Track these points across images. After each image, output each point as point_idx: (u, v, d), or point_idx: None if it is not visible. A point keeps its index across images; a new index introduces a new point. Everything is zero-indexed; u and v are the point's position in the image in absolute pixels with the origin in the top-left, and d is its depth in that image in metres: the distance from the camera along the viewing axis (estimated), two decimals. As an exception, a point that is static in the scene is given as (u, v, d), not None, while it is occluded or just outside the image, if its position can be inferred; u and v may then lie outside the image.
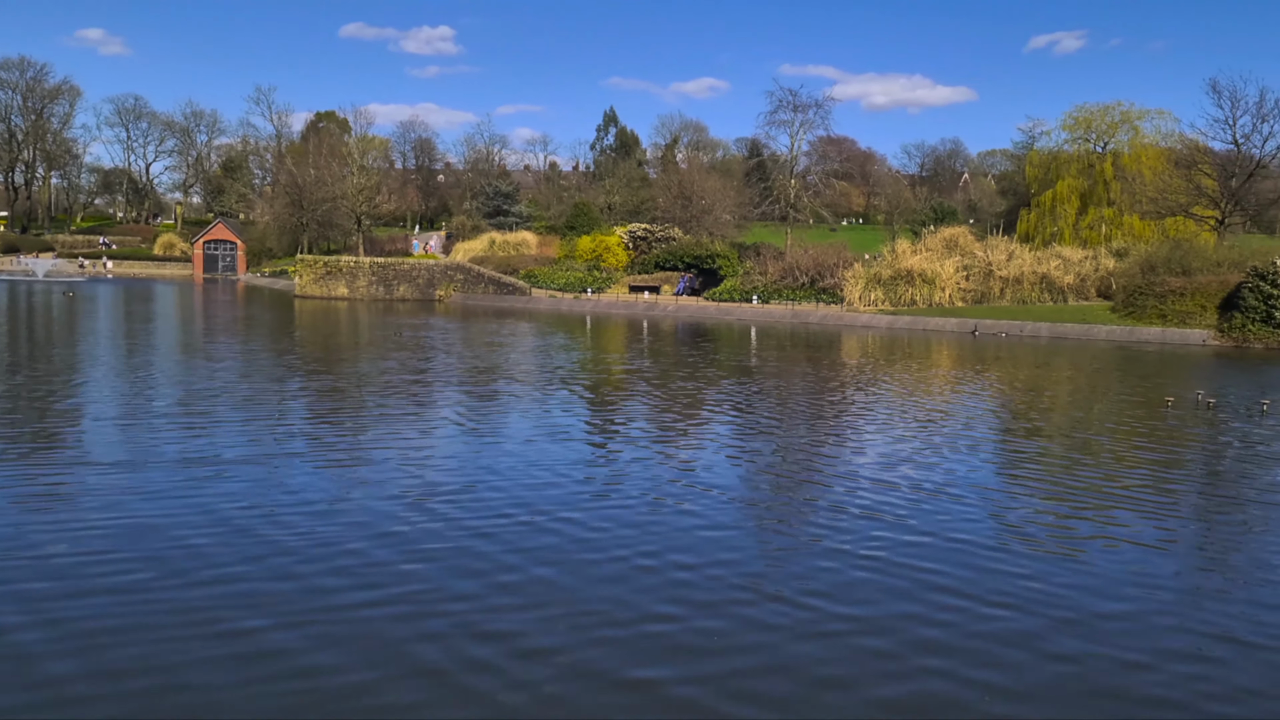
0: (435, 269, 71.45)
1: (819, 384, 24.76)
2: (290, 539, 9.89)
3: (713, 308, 58.55)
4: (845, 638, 7.70)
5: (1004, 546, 10.14)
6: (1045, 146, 73.46)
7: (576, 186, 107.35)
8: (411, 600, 8.29)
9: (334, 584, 8.62)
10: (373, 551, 9.57)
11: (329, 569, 9.00)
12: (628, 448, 15.33)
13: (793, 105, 68.43)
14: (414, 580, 8.77)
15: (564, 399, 20.79)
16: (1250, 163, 54.57)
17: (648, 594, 8.59)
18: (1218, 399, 22.03)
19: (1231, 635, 7.87)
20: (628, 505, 11.60)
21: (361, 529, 10.29)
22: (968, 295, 52.99)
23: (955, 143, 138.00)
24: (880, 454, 15.13)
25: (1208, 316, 43.14)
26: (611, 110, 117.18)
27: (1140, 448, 16.17)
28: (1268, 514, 11.98)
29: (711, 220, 72.53)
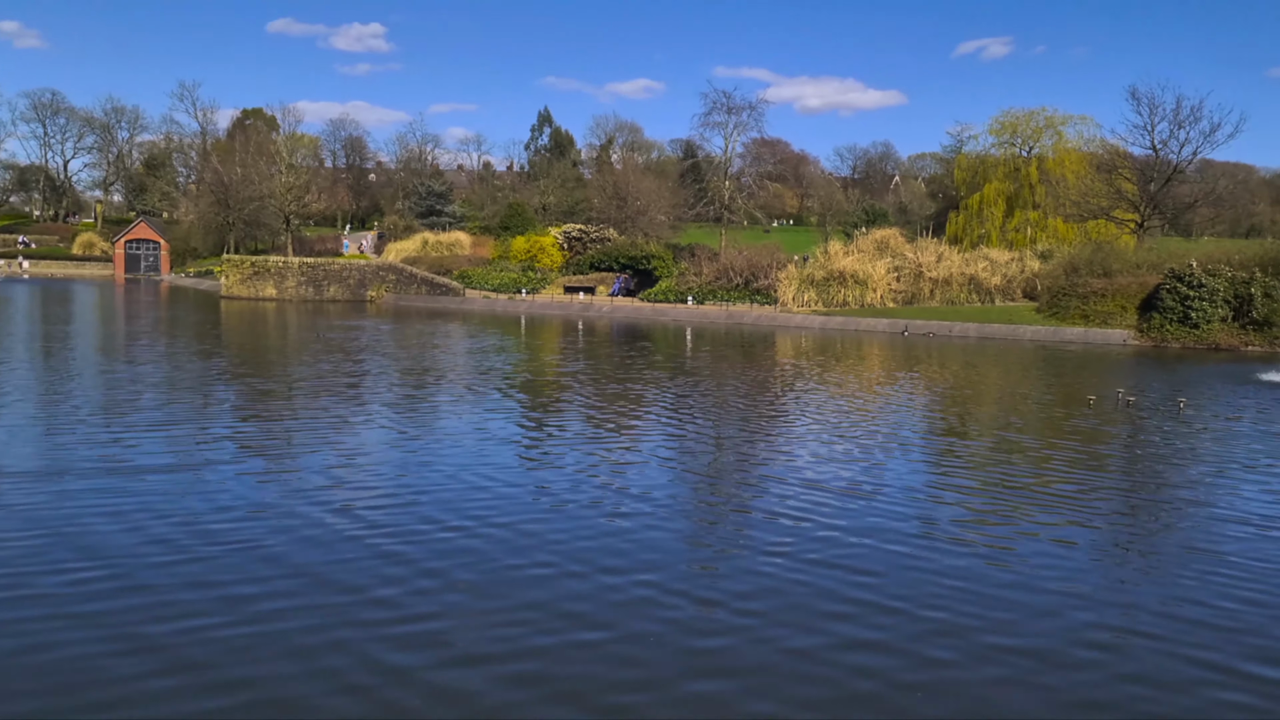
0: (367, 269, 70.32)
1: (754, 385, 24.83)
2: (205, 547, 9.54)
3: (648, 308, 58.55)
4: (774, 642, 7.64)
5: (932, 546, 10.20)
6: (973, 150, 75.00)
7: (511, 187, 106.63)
8: (326, 611, 8.03)
9: (251, 591, 8.33)
10: (291, 557, 9.28)
11: (245, 578, 8.70)
12: (562, 452, 15.15)
13: (727, 107, 68.92)
14: (330, 589, 8.50)
15: (497, 401, 20.53)
16: (1168, 168, 56.29)
17: (575, 601, 8.43)
18: (1137, 398, 22.59)
19: (1149, 631, 7.98)
20: (560, 511, 11.42)
21: (282, 534, 9.97)
22: (898, 296, 53.75)
23: (886, 146, 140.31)
24: (812, 455, 15.17)
25: (1128, 317, 44.34)
26: (546, 110, 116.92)
27: (1064, 446, 16.46)
28: (1185, 510, 12.25)
29: (647, 221, 72.58)
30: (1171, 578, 9.39)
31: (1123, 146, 61.59)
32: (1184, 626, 8.08)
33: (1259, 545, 10.49)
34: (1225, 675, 7.15)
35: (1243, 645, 7.72)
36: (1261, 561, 9.90)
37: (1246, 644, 7.74)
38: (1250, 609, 8.52)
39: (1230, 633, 7.97)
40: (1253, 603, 8.68)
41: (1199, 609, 8.50)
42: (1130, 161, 59.81)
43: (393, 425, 16.96)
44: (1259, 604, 8.65)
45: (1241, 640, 7.82)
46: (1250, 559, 9.97)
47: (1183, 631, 7.97)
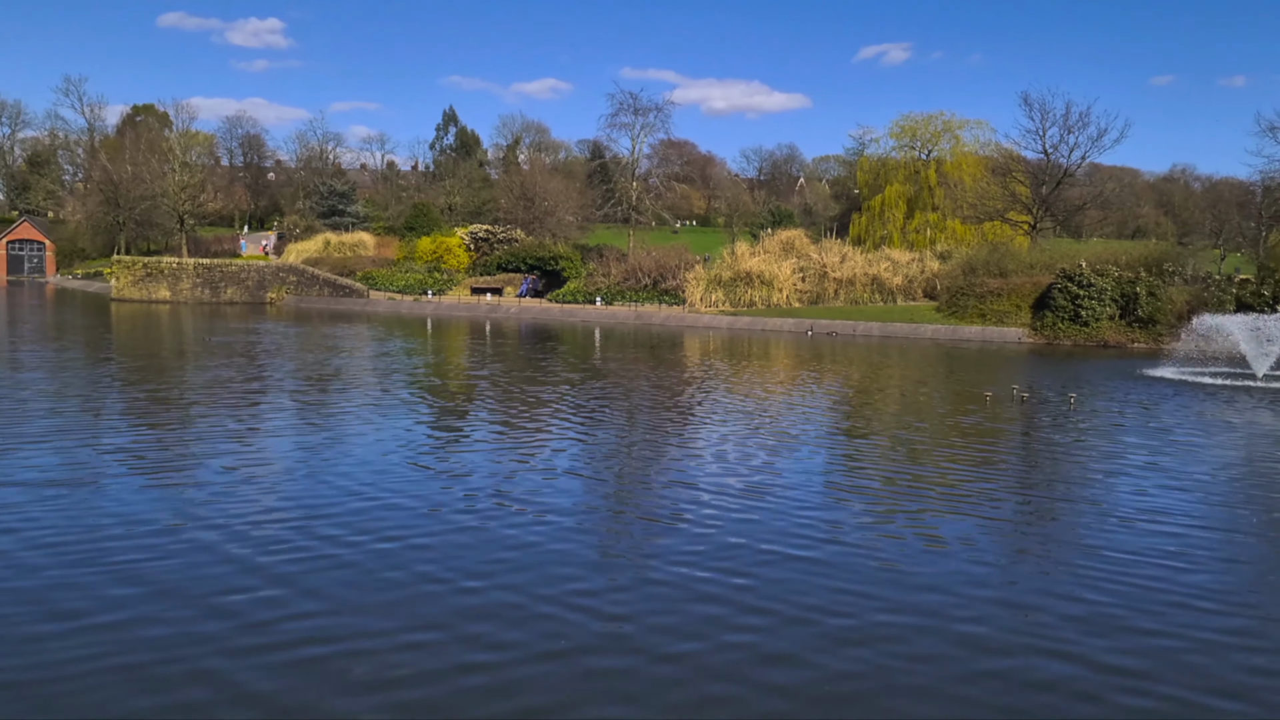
0: (266, 270, 68.38)
1: (662, 386, 24.76)
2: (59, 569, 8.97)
3: (556, 309, 58.22)
4: (682, 660, 7.50)
5: (836, 540, 10.21)
6: (875, 153, 76.65)
7: (416, 187, 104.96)
8: (192, 640, 7.59)
9: (111, 618, 7.84)
10: (157, 578, 8.79)
11: (100, 602, 8.19)
12: (468, 458, 14.80)
13: (634, 108, 68.97)
14: (200, 613, 8.06)
15: (401, 407, 20.00)
16: (1059, 171, 58.30)
17: (473, 620, 8.16)
18: (1031, 393, 23.23)
19: (1044, 621, 8.09)
20: (458, 523, 11.10)
21: (152, 553, 9.45)
22: (804, 296, 54.48)
23: (791, 148, 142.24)
24: (719, 456, 15.12)
25: (1022, 315, 45.73)
26: (451, 109, 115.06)
27: (961, 442, 16.77)
28: (1077, 502, 12.55)
29: (554, 222, 72.21)
30: (1071, 568, 9.56)
31: (1016, 150, 63.68)
32: (1053, 620, 8.21)
33: (1129, 539, 10.77)
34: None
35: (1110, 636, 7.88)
36: (1129, 554, 10.17)
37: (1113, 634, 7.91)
38: (1113, 600, 8.73)
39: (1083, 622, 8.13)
40: (1118, 593, 8.88)
41: (1072, 604, 8.66)
42: (1023, 165, 61.80)
43: (289, 435, 16.35)
44: (1123, 594, 8.87)
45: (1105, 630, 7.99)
46: (1121, 551, 10.22)
47: (1049, 626, 8.10)
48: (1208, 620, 8.34)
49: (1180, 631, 8.06)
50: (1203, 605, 8.71)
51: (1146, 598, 8.86)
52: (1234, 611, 8.59)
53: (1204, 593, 9.03)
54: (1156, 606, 8.64)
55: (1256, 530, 11.34)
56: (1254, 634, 8.09)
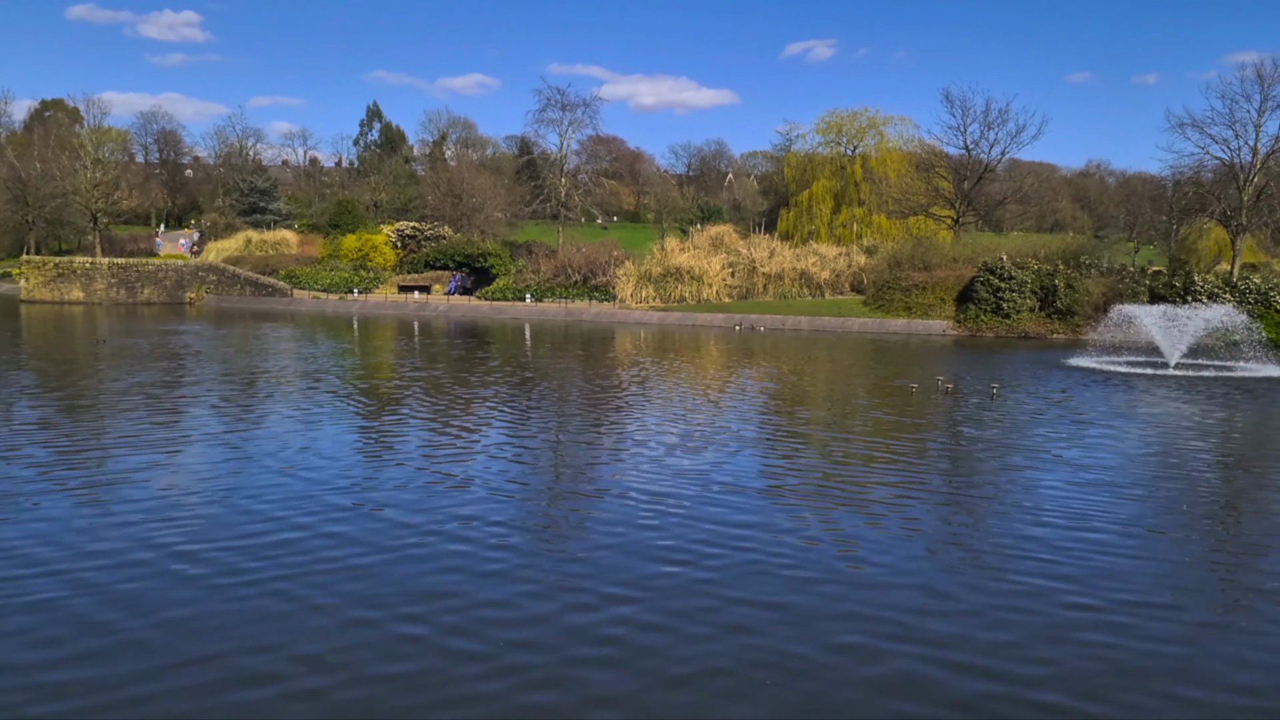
0: (185, 270, 66.49)
1: (593, 383, 24.61)
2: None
3: (485, 307, 57.68)
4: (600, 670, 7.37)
5: (765, 529, 10.19)
6: (801, 149, 77.44)
7: (340, 183, 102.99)
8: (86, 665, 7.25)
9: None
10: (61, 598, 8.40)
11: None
12: (394, 462, 14.48)
13: (561, 104, 68.53)
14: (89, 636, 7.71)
15: (324, 410, 19.50)
16: (980, 166, 59.49)
17: (364, 650, 7.93)
18: (955, 384, 23.61)
19: (973, 609, 8.16)
20: (375, 538, 10.82)
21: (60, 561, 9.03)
22: (734, 291, 54.76)
23: (720, 144, 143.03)
24: (652, 453, 15.03)
25: (947, 308, 46.59)
26: (375, 105, 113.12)
27: (888, 433, 16.95)
28: (1000, 490, 12.74)
29: (483, 218, 71.48)
30: (999, 555, 9.67)
31: (939, 146, 64.80)
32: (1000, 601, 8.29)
33: (1043, 532, 10.96)
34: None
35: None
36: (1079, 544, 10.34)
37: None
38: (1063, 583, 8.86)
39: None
40: (1069, 579, 9.02)
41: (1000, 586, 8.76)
42: (946, 160, 62.92)
43: (204, 438, 15.82)
44: (1072, 579, 9.00)
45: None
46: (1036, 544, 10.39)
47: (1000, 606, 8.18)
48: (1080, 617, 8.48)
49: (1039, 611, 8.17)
50: (1083, 601, 8.87)
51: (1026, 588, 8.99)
52: (1109, 609, 8.76)
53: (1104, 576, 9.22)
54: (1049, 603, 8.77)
55: (1184, 521, 11.62)
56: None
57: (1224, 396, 22.78)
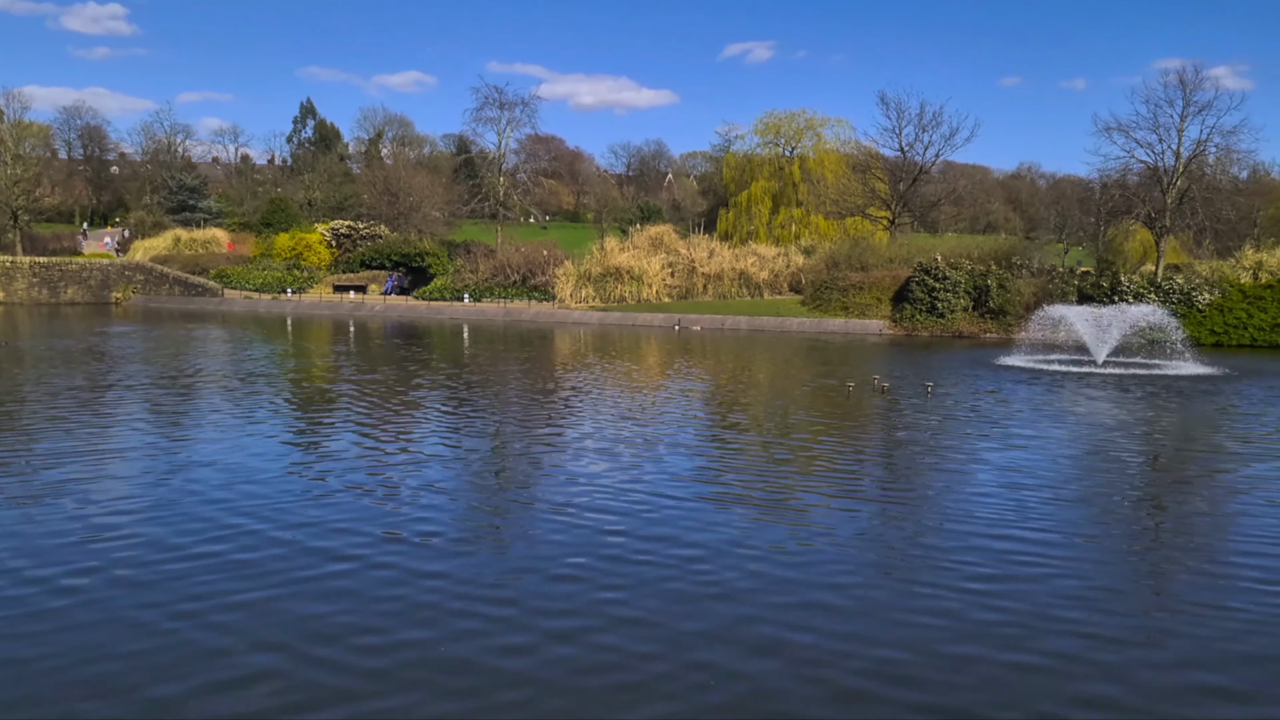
0: (111, 269, 64.74)
1: (532, 383, 24.37)
2: None
3: (423, 307, 57.02)
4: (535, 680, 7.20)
5: (702, 525, 10.10)
6: (740, 150, 77.85)
7: (273, 181, 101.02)
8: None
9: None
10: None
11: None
12: (328, 467, 14.11)
13: (500, 103, 68.01)
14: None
15: (253, 413, 18.98)
16: (915, 168, 60.34)
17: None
18: (891, 383, 23.83)
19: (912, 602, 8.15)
20: (299, 553, 10.50)
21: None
22: (673, 291, 54.82)
23: (659, 144, 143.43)
24: (591, 453, 14.88)
25: (883, 308, 47.15)
26: (309, 102, 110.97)
27: (820, 434, 17.01)
28: (936, 487, 12.82)
29: (420, 217, 70.68)
30: (938, 550, 9.70)
31: (875, 148, 65.59)
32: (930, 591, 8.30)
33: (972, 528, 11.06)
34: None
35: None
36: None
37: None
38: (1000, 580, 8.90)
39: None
40: (997, 577, 9.06)
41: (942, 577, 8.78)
42: (882, 162, 63.72)
43: (128, 443, 15.28)
44: (1001, 578, 9.05)
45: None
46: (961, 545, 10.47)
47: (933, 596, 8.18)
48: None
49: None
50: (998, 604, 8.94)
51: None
52: (1025, 610, 8.83)
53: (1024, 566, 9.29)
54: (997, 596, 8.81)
55: (1108, 521, 11.79)
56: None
57: (1149, 394, 23.31)
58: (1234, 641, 7.66)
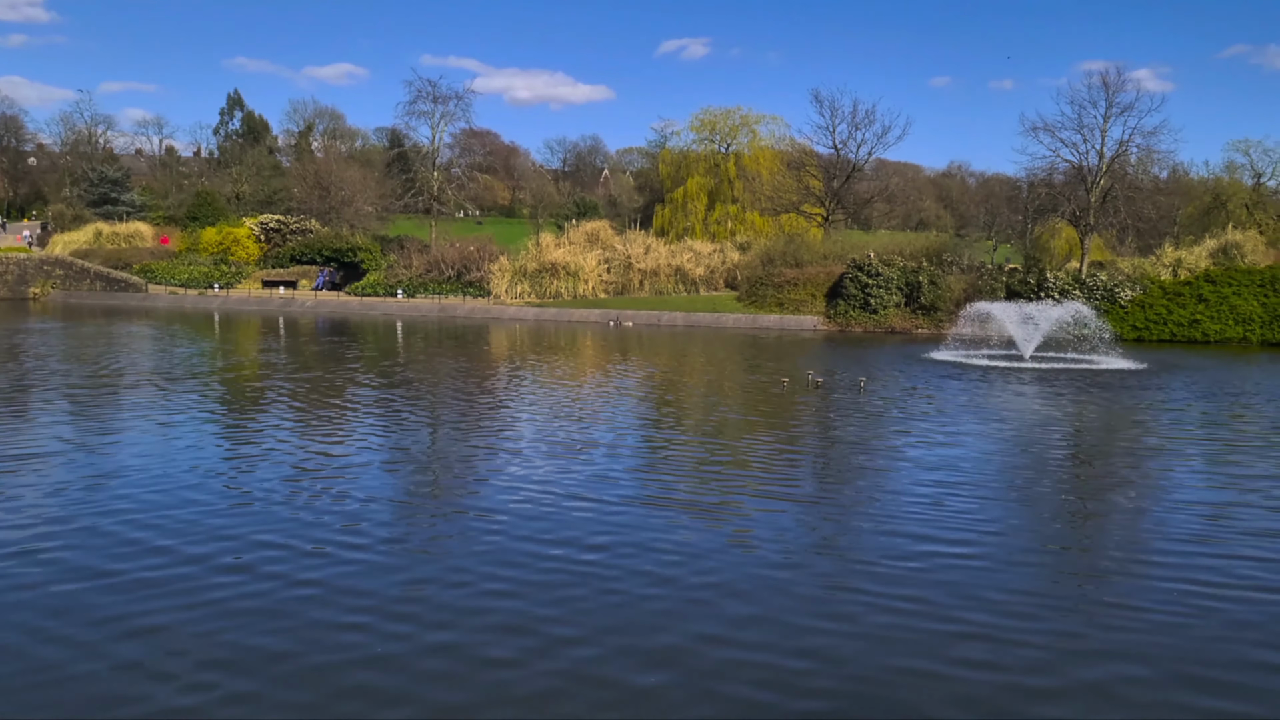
0: (28, 264, 62.51)
1: (467, 379, 24.07)
2: None
3: (355, 302, 56.10)
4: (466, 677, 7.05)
5: (613, 527, 10.02)
6: (676, 146, 77.81)
7: (199, 174, 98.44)
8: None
9: None
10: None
11: None
12: (253, 471, 13.73)
13: (433, 96, 67.08)
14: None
15: (181, 409, 18.42)
16: (848, 166, 61.01)
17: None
18: (825, 379, 24.03)
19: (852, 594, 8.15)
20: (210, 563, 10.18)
21: None
22: (610, 287, 54.70)
23: (595, 139, 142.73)
24: (529, 449, 14.71)
25: (817, 304, 47.59)
26: (236, 93, 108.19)
27: (757, 428, 17.06)
28: (861, 487, 12.92)
29: (352, 212, 69.50)
30: (876, 540, 9.74)
31: (810, 145, 66.16)
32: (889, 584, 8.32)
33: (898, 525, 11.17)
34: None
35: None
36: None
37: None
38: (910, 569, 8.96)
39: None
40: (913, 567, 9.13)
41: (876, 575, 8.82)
42: (816, 159, 64.30)
43: (57, 443, 14.70)
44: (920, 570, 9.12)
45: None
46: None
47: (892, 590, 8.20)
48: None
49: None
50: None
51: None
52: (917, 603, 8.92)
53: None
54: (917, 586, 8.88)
55: (1035, 516, 11.98)
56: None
57: (1073, 388, 23.84)
58: (1138, 645, 7.77)
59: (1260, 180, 79.68)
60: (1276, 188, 79.83)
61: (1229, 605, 8.41)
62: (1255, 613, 8.27)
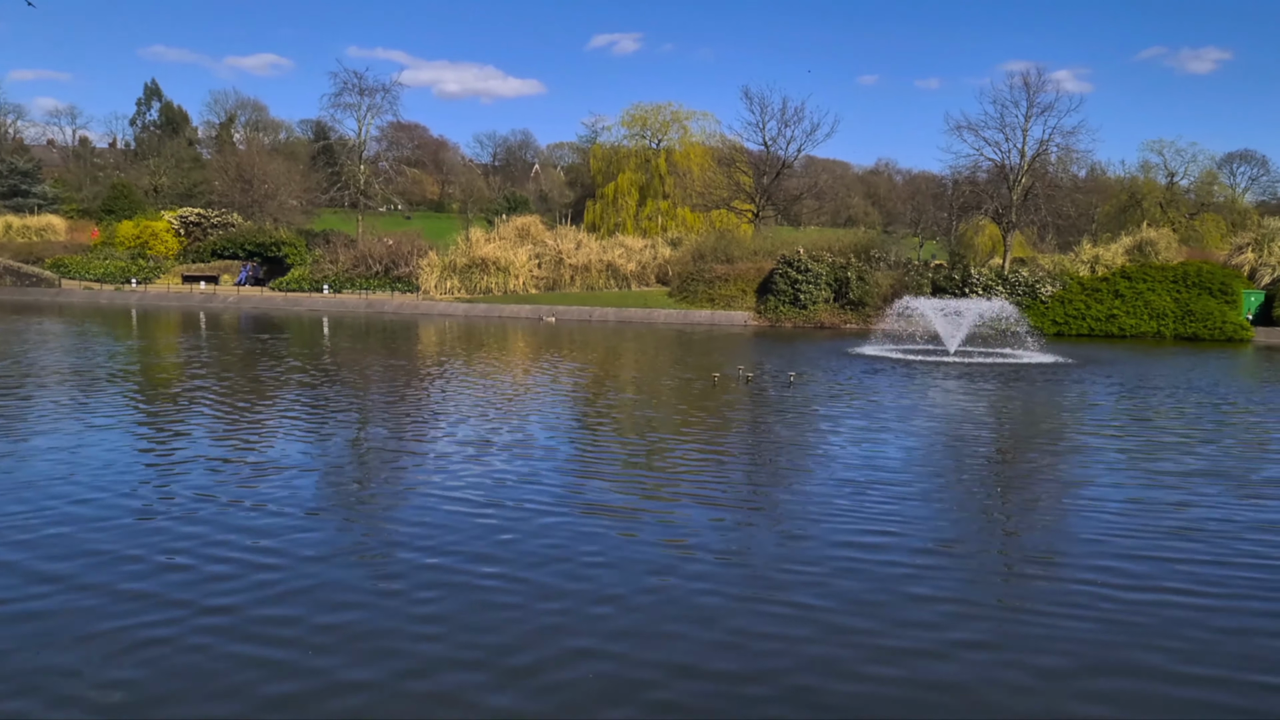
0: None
1: (394, 377, 23.61)
2: None
3: (279, 298, 54.89)
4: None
5: (565, 521, 9.86)
6: (607, 141, 77.82)
7: (115, 166, 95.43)
8: None
9: None
10: None
11: None
12: (172, 474, 13.23)
13: (359, 88, 66.00)
14: None
15: (98, 409, 17.71)
16: (778, 162, 61.59)
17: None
18: (755, 374, 24.13)
19: (789, 597, 8.09)
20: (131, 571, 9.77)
21: None
22: (541, 283, 54.40)
23: (526, 134, 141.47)
24: (457, 447, 14.43)
25: (748, 300, 47.90)
26: (154, 83, 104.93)
27: (685, 424, 17.02)
28: (798, 477, 12.94)
29: (276, 206, 68.05)
30: (800, 538, 9.71)
31: (740, 142, 66.72)
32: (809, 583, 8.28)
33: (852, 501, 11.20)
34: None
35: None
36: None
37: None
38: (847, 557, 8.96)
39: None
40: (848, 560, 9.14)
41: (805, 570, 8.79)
42: (747, 156, 64.79)
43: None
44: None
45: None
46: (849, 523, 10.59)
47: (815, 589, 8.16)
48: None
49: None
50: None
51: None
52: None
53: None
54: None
55: (959, 512, 12.10)
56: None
57: (997, 383, 24.30)
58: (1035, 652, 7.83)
59: (1173, 179, 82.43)
60: (1188, 187, 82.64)
61: (1116, 607, 8.29)
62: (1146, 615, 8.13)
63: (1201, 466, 14.12)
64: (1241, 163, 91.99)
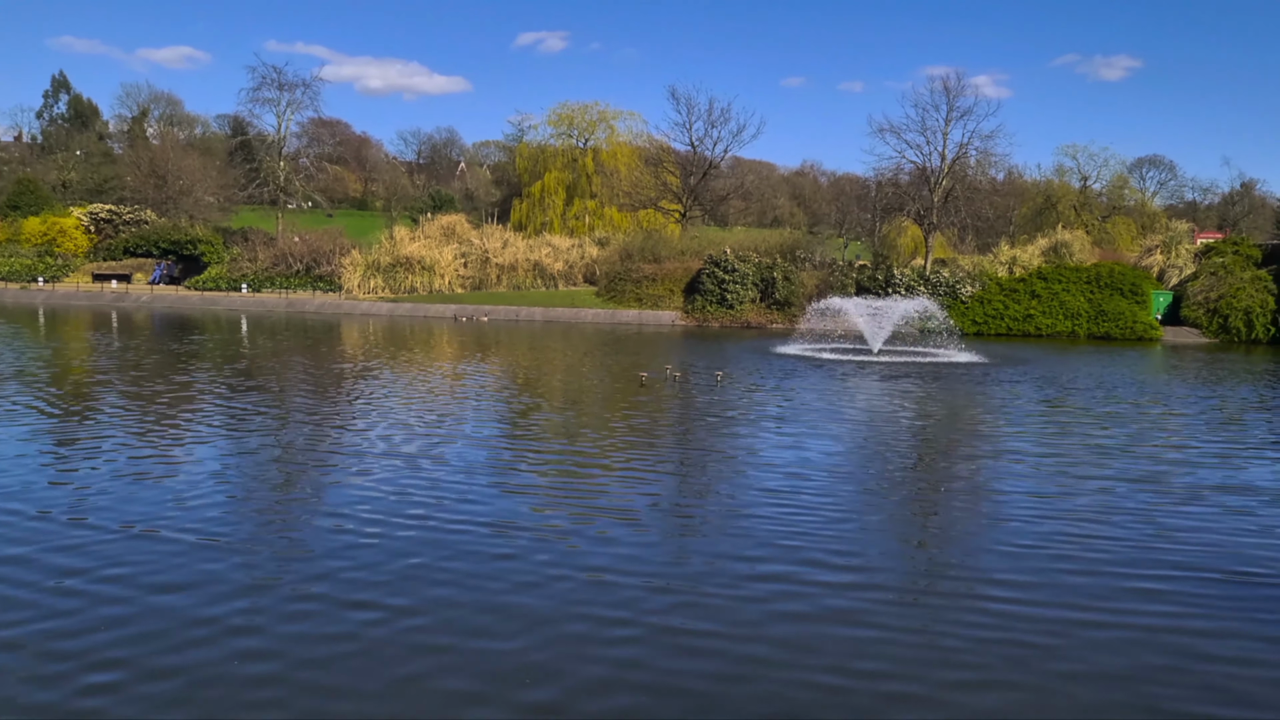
0: None
1: (316, 378, 23.02)
2: None
3: (195, 297, 53.34)
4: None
5: (477, 525, 9.65)
6: (534, 140, 77.21)
7: (20, 160, 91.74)
8: None
9: None
10: None
11: None
12: (88, 478, 12.65)
13: (279, 83, 64.32)
14: None
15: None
16: (705, 163, 61.82)
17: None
18: (683, 373, 24.11)
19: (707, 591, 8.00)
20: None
21: None
22: (467, 282, 53.78)
23: (451, 132, 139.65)
24: (382, 449, 14.07)
25: (675, 299, 47.98)
26: (62, 75, 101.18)
27: (620, 422, 16.89)
28: (724, 473, 12.89)
29: (191, 202, 66.14)
30: (730, 533, 9.64)
31: (667, 142, 66.81)
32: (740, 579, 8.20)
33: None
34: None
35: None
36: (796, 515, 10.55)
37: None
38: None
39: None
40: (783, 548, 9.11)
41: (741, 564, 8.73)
42: (674, 156, 64.93)
43: None
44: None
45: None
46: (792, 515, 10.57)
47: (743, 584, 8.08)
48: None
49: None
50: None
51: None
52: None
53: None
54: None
55: (882, 509, 12.18)
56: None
57: (919, 381, 24.66)
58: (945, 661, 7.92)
59: (1087, 183, 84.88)
60: (1101, 190, 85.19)
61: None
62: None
63: (1118, 468, 14.47)
64: (1151, 167, 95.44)
